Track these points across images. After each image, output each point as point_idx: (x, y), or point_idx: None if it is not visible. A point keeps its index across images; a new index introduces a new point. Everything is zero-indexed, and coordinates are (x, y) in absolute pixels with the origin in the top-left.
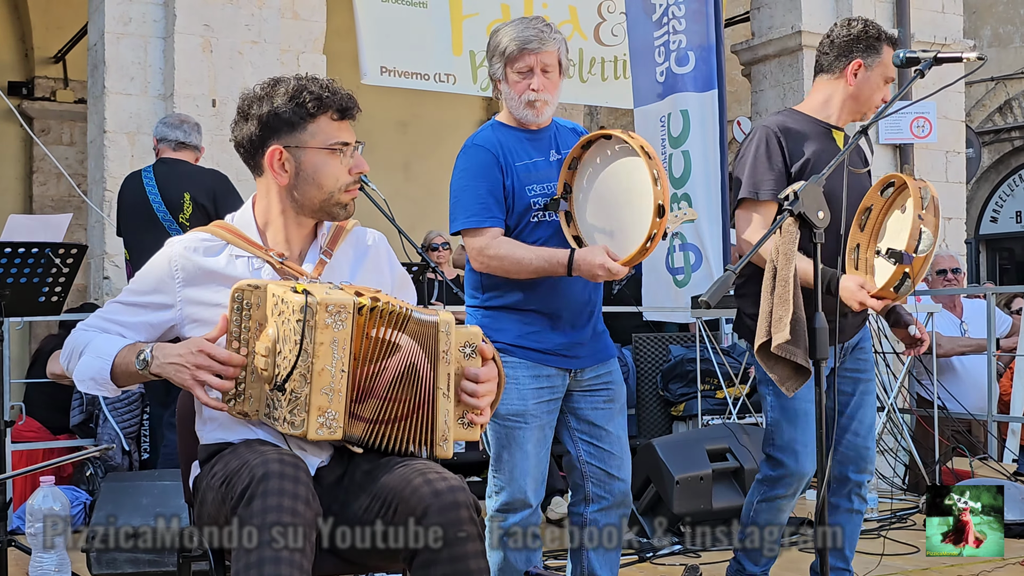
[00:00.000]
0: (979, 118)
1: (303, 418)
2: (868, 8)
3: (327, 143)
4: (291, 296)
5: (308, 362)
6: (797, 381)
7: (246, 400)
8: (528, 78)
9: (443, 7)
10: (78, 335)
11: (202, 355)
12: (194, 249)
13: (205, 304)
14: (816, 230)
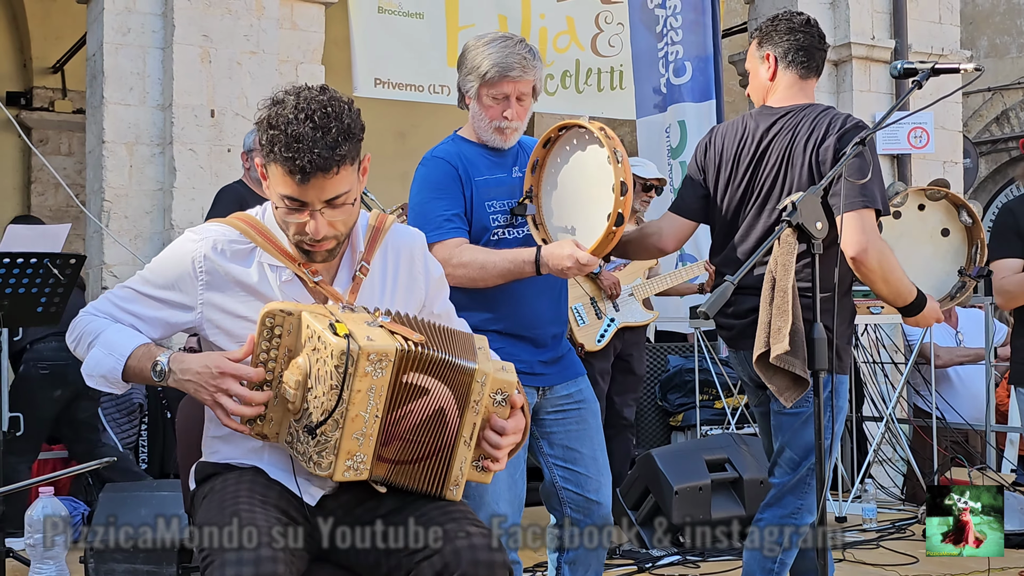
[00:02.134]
0: (976, 128)
1: (331, 460)
2: (865, 18)
3: (278, 193)
4: (330, 338)
5: (343, 408)
6: (796, 392)
7: (267, 423)
8: (503, 105)
9: (439, 18)
10: (88, 320)
11: (225, 379)
12: (221, 251)
13: (229, 314)
14: (815, 240)
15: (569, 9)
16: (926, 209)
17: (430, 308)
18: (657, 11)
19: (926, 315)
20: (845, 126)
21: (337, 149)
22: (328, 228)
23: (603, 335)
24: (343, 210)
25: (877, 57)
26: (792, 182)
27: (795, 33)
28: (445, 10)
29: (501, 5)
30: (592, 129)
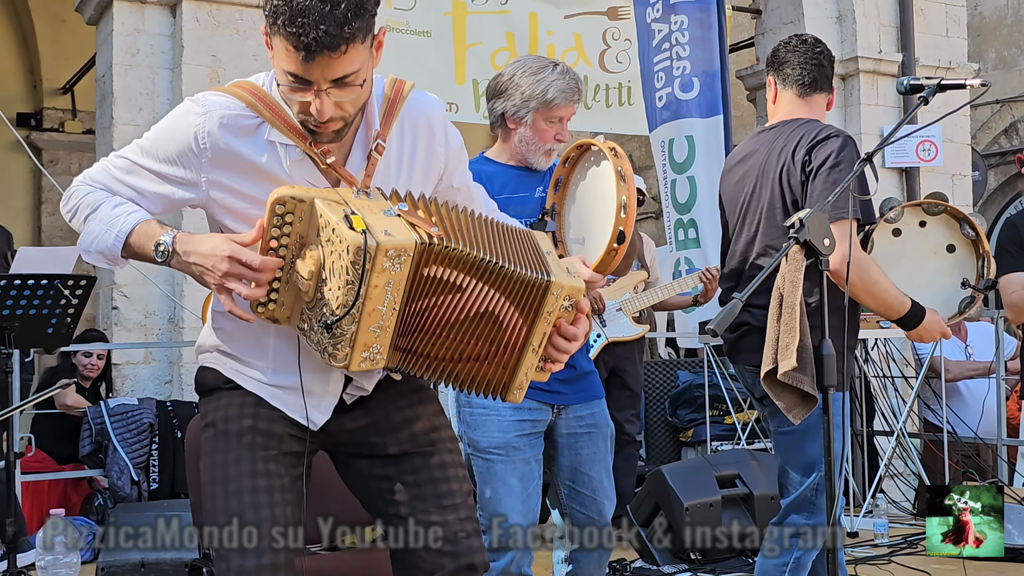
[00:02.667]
0: (984, 140)
1: (347, 352)
2: (872, 32)
3: (281, 68)
4: (345, 232)
5: (360, 304)
6: (804, 408)
7: (279, 307)
8: (556, 128)
9: (447, 36)
10: (86, 191)
11: (232, 262)
12: (226, 127)
13: (236, 193)
14: (822, 257)
15: (576, 26)
16: (928, 225)
17: (449, 182)
18: (655, 25)
19: (927, 328)
20: (816, 138)
21: (346, 26)
22: (334, 109)
23: (588, 351)
24: (351, 90)
25: (884, 71)
26: (764, 197)
27: (791, 53)
28: (453, 28)
29: (508, 23)
30: (602, 148)
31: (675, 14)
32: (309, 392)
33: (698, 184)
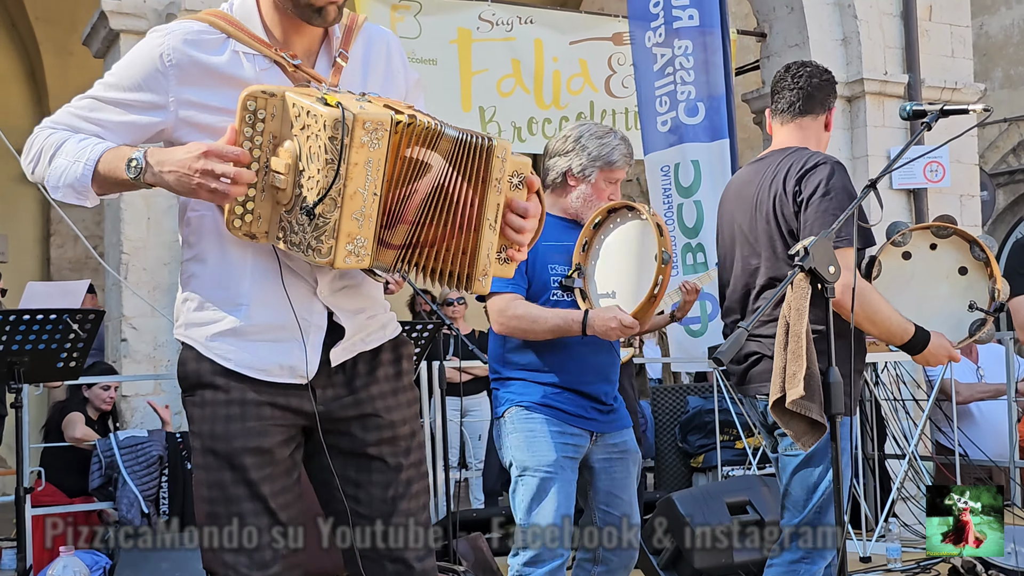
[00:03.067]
0: (993, 159)
1: (331, 245)
2: (878, 54)
3: None
4: (321, 109)
5: (340, 185)
6: (813, 436)
7: (255, 220)
8: (612, 188)
9: (452, 64)
10: (47, 134)
11: (209, 158)
12: (191, 43)
13: (205, 108)
14: (828, 285)
15: (582, 52)
16: (938, 248)
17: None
18: (657, 50)
19: (933, 352)
20: (804, 167)
21: None
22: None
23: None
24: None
25: (890, 92)
26: (761, 228)
27: (779, 83)
28: (458, 56)
29: (514, 50)
30: (640, 209)
31: (679, 39)
32: (291, 327)
33: (705, 208)
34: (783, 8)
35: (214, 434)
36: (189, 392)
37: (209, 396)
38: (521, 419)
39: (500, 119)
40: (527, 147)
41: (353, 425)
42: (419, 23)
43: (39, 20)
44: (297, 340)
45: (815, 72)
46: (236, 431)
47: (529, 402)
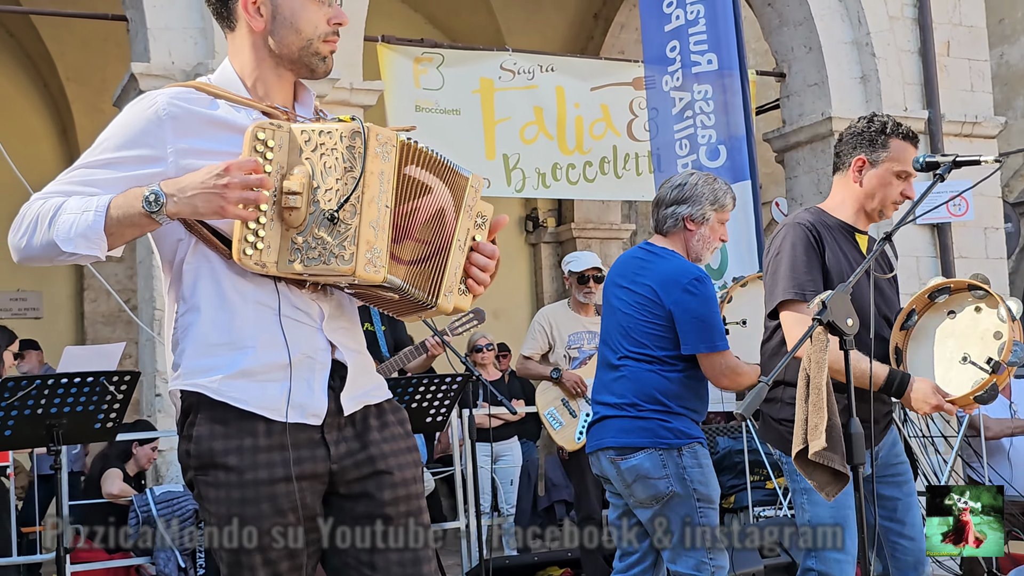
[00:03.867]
0: (1018, 188)
1: (352, 252)
2: (897, 91)
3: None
4: (335, 125)
5: (360, 191)
6: (836, 486)
7: (265, 249)
8: (722, 230)
9: (475, 113)
10: (40, 204)
11: (230, 171)
12: (183, 99)
13: (205, 153)
14: (846, 337)
15: (603, 97)
16: (982, 312)
17: None
18: (675, 94)
19: (916, 398)
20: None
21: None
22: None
23: (582, 432)
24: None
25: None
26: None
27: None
28: (481, 105)
29: (536, 97)
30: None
31: (698, 83)
32: (297, 365)
33: (728, 250)
34: (801, 48)
35: (231, 516)
36: (201, 471)
37: (223, 475)
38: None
39: (524, 166)
40: (552, 192)
41: (368, 484)
42: (442, 74)
43: (70, 80)
44: (304, 380)
45: (852, 126)
46: (251, 513)
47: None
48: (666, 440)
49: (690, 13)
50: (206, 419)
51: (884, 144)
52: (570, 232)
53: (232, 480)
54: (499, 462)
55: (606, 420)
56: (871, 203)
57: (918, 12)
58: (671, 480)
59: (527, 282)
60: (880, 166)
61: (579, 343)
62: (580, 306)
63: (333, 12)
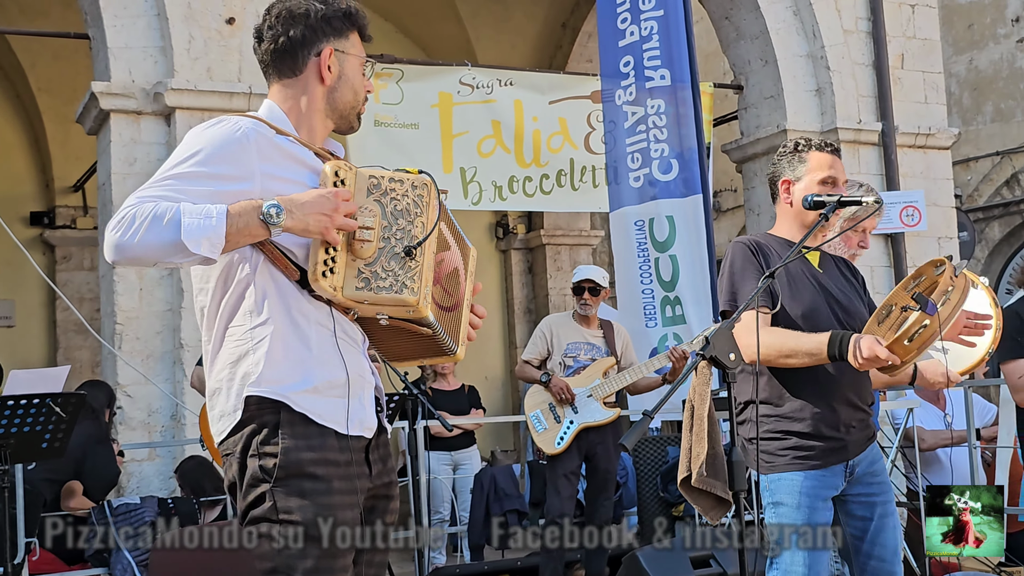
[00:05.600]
0: (987, 192)
1: (418, 286)
2: (851, 103)
3: (361, 55)
4: (404, 175)
5: (432, 234)
6: (720, 511)
7: (337, 274)
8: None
9: (434, 127)
10: (148, 206)
11: (338, 198)
12: (262, 130)
13: (283, 180)
14: (729, 370)
15: (561, 111)
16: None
17: None
18: (627, 108)
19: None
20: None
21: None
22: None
23: (562, 438)
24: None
25: (865, 140)
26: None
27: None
28: (439, 120)
29: (494, 111)
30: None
31: (651, 98)
32: (353, 382)
33: (680, 262)
34: (758, 61)
35: (321, 520)
36: (284, 481)
37: (309, 486)
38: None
39: (481, 179)
40: (508, 205)
41: (380, 502)
42: (401, 89)
43: (41, 91)
44: (356, 397)
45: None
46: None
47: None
48: None
49: (644, 29)
50: (289, 433)
51: (801, 159)
52: (540, 239)
53: (320, 488)
54: (459, 471)
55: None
56: (806, 217)
57: (872, 25)
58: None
59: (497, 288)
60: (803, 180)
61: (576, 352)
62: (583, 318)
63: (368, 83)
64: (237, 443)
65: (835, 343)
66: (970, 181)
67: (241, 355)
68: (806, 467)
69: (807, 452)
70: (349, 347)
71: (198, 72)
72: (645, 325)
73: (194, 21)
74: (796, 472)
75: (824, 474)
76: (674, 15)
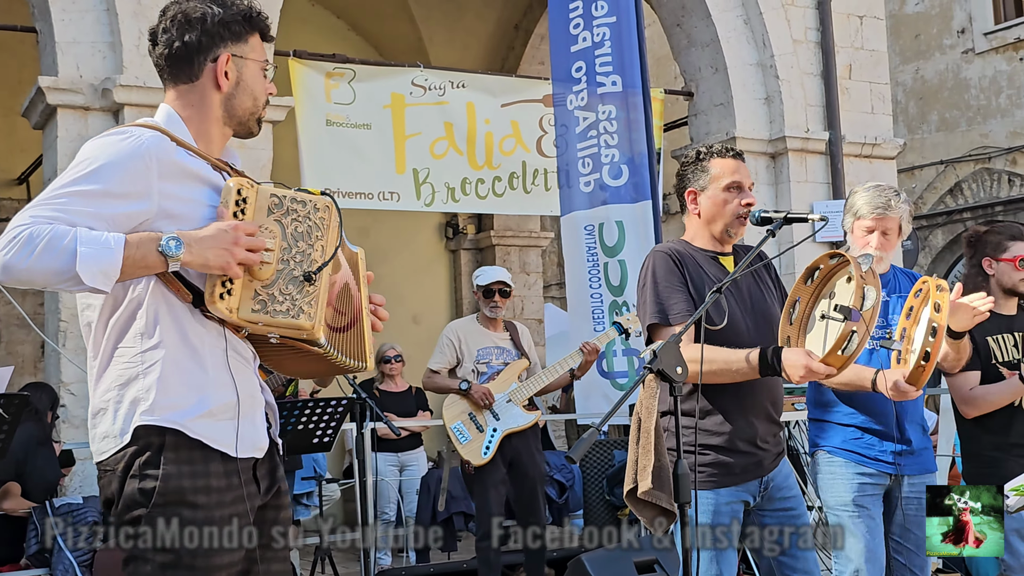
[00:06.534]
0: (931, 200)
1: (314, 311)
2: (800, 112)
3: (261, 58)
4: (307, 196)
5: (335, 257)
6: (664, 522)
7: (233, 297)
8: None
9: (386, 128)
10: (44, 228)
11: (239, 232)
12: (164, 145)
13: (180, 199)
14: (675, 384)
15: (513, 113)
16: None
17: None
18: (579, 113)
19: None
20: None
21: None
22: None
23: (488, 446)
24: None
25: (812, 149)
26: None
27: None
28: (392, 120)
29: (446, 113)
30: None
31: (603, 104)
32: (243, 403)
33: (628, 267)
34: (708, 69)
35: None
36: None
37: (188, 515)
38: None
39: (434, 180)
40: (461, 207)
41: (268, 512)
42: (353, 89)
43: None
44: (247, 418)
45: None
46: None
47: (832, 447)
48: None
49: (596, 35)
50: (173, 458)
51: (704, 168)
52: (490, 239)
53: (199, 517)
54: (405, 472)
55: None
56: (716, 226)
57: (821, 36)
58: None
59: (446, 288)
60: (708, 189)
61: (488, 358)
62: (489, 321)
63: (270, 85)
64: (119, 461)
65: (766, 360)
66: (915, 189)
67: (130, 378)
68: (721, 484)
69: (724, 468)
70: (240, 366)
71: (147, 68)
72: (593, 329)
73: (143, 17)
74: (710, 491)
75: (738, 490)
76: (626, 21)
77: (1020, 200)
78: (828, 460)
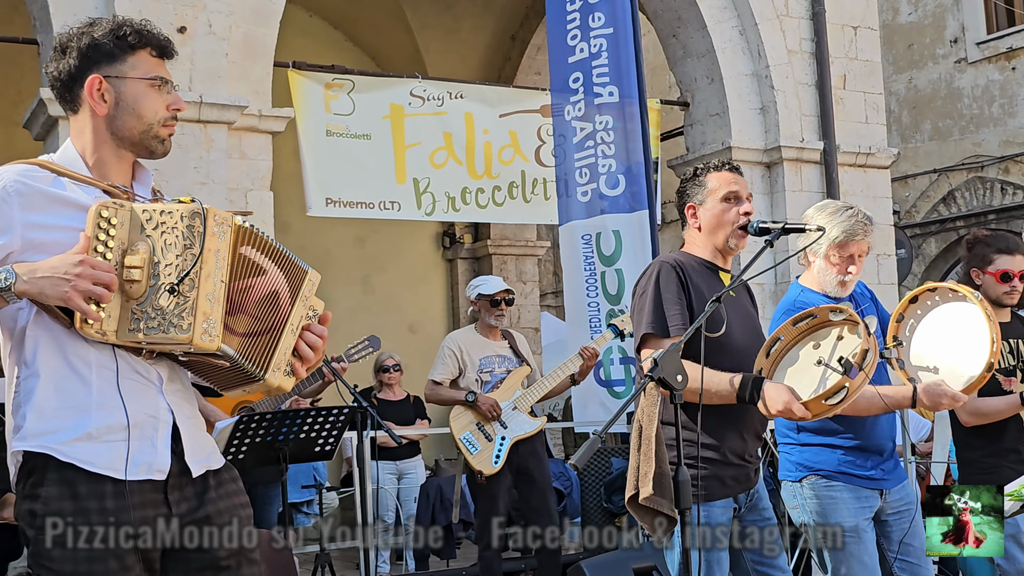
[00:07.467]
0: (924, 208)
1: (190, 322)
2: (794, 122)
3: (146, 75)
4: (176, 206)
5: (198, 267)
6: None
7: (107, 320)
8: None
9: (386, 138)
10: None
11: (84, 265)
12: (27, 176)
13: (49, 228)
14: (676, 392)
15: (512, 124)
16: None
17: None
18: (576, 123)
19: (768, 398)
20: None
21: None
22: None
23: (499, 455)
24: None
25: (807, 158)
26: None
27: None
28: (392, 130)
29: (445, 123)
30: (964, 292)
31: (599, 115)
32: (136, 425)
33: (625, 276)
34: (704, 79)
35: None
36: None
37: (68, 536)
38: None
39: (434, 190)
40: (461, 216)
41: (204, 538)
42: (352, 100)
43: None
44: (145, 439)
45: (677, 190)
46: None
47: (828, 470)
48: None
49: (593, 46)
50: (54, 480)
51: (701, 184)
52: (486, 248)
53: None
54: (403, 480)
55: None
56: (716, 238)
57: (815, 46)
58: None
59: (443, 297)
60: (707, 202)
61: (490, 367)
62: (488, 330)
63: (172, 99)
64: (18, 484)
65: (747, 389)
66: (908, 197)
67: (16, 407)
68: (716, 497)
69: (717, 481)
70: (136, 387)
71: None
72: (591, 337)
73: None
74: (704, 504)
75: (729, 503)
76: (623, 33)
77: (1013, 208)
78: (827, 485)
